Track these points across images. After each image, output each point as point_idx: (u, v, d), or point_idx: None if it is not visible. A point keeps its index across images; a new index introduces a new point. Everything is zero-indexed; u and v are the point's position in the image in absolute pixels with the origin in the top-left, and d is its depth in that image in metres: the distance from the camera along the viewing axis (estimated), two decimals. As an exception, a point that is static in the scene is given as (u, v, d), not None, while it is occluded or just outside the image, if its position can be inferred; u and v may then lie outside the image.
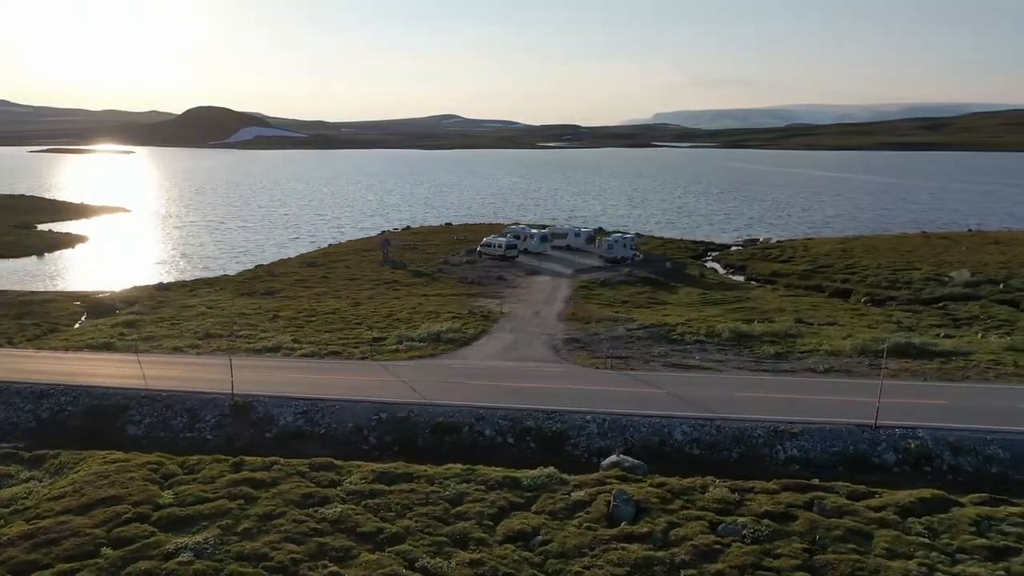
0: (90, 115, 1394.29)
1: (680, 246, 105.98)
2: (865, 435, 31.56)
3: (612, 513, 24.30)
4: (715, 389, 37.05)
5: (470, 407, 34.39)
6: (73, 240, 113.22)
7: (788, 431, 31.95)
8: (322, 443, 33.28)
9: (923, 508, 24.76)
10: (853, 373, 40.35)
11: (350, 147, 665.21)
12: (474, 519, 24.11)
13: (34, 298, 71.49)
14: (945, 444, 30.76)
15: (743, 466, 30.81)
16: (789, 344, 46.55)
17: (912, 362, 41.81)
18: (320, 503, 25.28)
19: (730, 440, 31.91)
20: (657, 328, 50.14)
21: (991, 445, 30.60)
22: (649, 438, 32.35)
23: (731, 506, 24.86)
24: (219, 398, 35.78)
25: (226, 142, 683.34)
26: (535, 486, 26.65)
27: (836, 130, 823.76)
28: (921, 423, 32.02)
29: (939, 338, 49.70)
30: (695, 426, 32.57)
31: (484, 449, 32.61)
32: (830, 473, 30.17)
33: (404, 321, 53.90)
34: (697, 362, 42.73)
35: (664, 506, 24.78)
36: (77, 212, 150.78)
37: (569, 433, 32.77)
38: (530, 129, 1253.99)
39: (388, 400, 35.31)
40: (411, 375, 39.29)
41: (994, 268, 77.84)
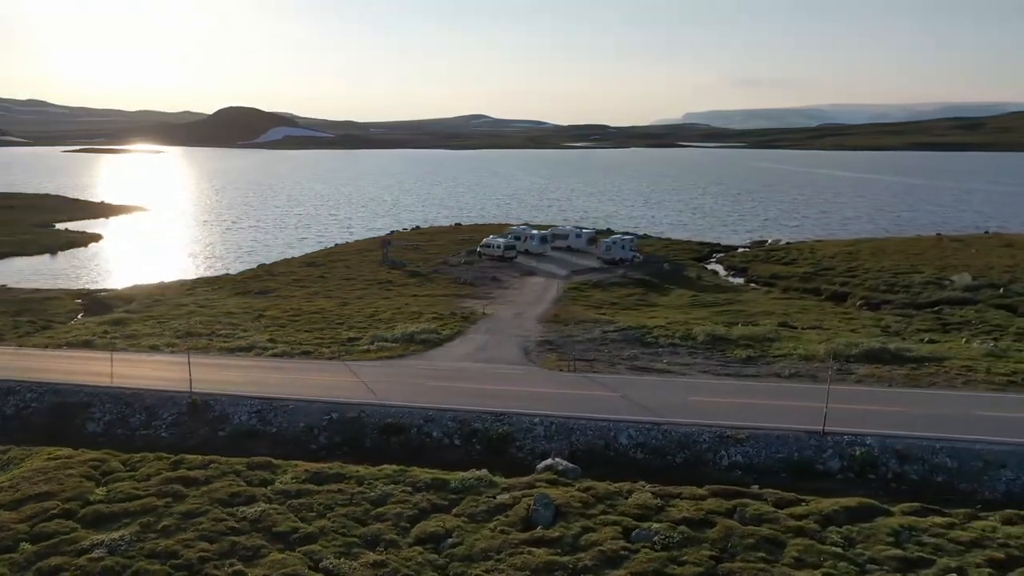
0: (125, 115, 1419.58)
1: (685, 247, 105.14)
2: (812, 442, 31.17)
3: (530, 517, 24.30)
4: (672, 393, 36.80)
5: (420, 408, 34.54)
6: (87, 239, 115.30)
7: (734, 437, 31.64)
8: (273, 442, 33.63)
9: (846, 517, 24.43)
10: (818, 378, 39.75)
11: (377, 147, 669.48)
12: (391, 521, 24.26)
13: (37, 295, 72.99)
14: (892, 452, 30.28)
15: (686, 471, 30.59)
16: (764, 348, 46.08)
17: (882, 368, 41.17)
18: (246, 502, 25.59)
19: (675, 445, 31.70)
20: (633, 331, 49.91)
21: (939, 454, 30.06)
22: (594, 441, 32.25)
23: (651, 512, 24.73)
24: (178, 396, 36.32)
25: (255, 142, 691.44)
26: (462, 488, 26.72)
27: (868, 130, 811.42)
28: (871, 430, 31.53)
29: (922, 343, 48.97)
30: (641, 430, 32.39)
31: (430, 450, 32.76)
32: (772, 479, 29.90)
33: (385, 321, 54.23)
34: (664, 365, 42.47)
35: (584, 511, 24.71)
36: (97, 211, 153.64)
37: (515, 435, 32.77)
38: (558, 129, 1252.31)
39: (341, 400, 35.58)
40: (373, 376, 39.54)
41: (998, 272, 76.34)
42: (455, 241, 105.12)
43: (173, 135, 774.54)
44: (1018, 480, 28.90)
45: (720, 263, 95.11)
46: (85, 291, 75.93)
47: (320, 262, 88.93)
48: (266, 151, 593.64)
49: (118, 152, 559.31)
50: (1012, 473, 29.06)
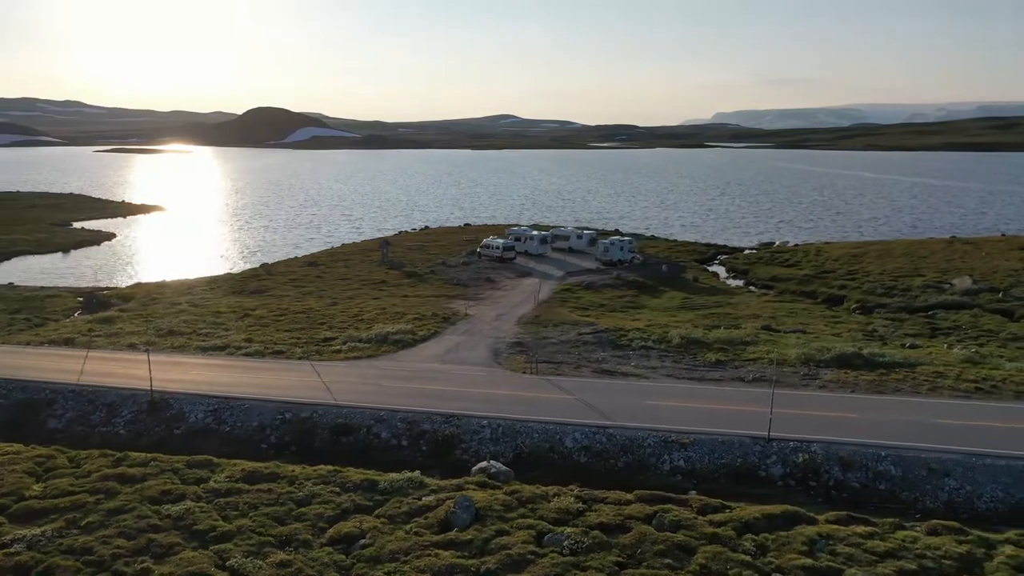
0: (158, 116, 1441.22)
1: (691, 249, 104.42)
2: (756, 447, 30.88)
3: (448, 519, 24.36)
4: (629, 397, 36.65)
5: (372, 409, 34.77)
6: (100, 237, 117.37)
7: (678, 441, 31.44)
8: (224, 441, 34.06)
9: (766, 525, 24.16)
10: (781, 383, 39.29)
11: (403, 147, 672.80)
12: (310, 521, 24.45)
13: (41, 293, 74.30)
14: (836, 459, 29.89)
15: (627, 475, 30.48)
16: (737, 352, 45.71)
17: (850, 373, 40.62)
18: (174, 500, 25.94)
19: (619, 449, 31.57)
20: (609, 333, 49.73)
21: (884, 461, 29.64)
22: (540, 444, 32.24)
23: (570, 516, 24.66)
24: (139, 394, 36.90)
25: (283, 142, 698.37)
26: (391, 490, 26.86)
27: (900, 130, 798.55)
28: (818, 436, 31.17)
29: (902, 348, 48.29)
30: (587, 434, 32.30)
31: (378, 451, 32.98)
32: (712, 485, 29.73)
33: (367, 322, 54.55)
34: (631, 368, 42.26)
35: (504, 514, 24.72)
36: (116, 211, 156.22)
37: (462, 438, 32.86)
38: (585, 129, 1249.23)
39: (296, 400, 35.93)
40: (335, 376, 39.83)
41: (1003, 275, 74.89)
42: (459, 242, 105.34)
43: (204, 135, 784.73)
44: (962, 490, 28.42)
45: (723, 265, 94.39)
46: (87, 289, 77.22)
47: (321, 262, 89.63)
48: (293, 151, 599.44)
49: (148, 152, 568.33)
50: (956, 483, 28.59)
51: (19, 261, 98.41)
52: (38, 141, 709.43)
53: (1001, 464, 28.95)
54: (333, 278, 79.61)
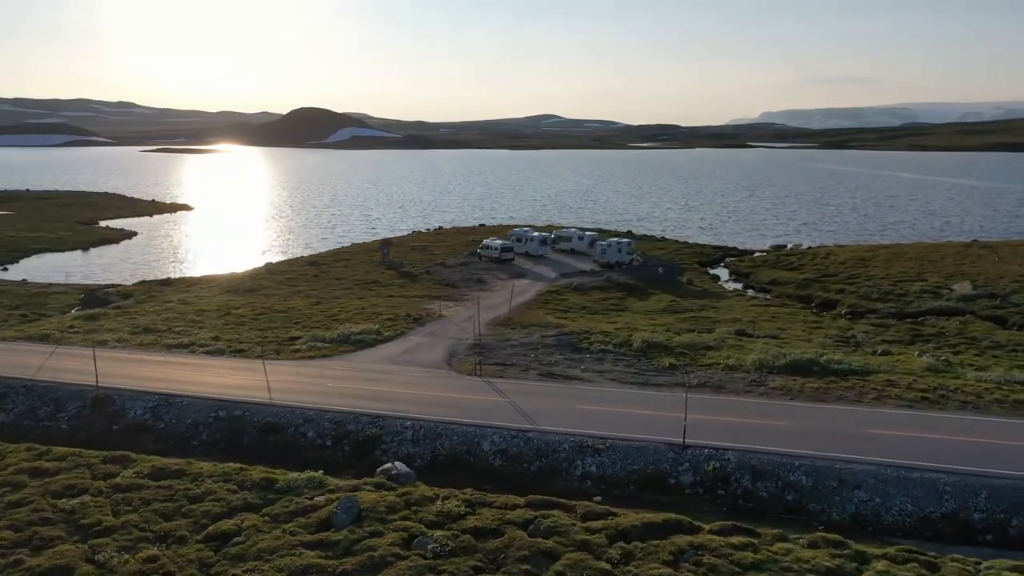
0: (206, 116, 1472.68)
1: (699, 252, 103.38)
2: (670, 454, 30.59)
3: (329, 519, 24.64)
4: (561, 400, 36.56)
5: (303, 409, 35.26)
6: (120, 236, 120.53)
7: (593, 446, 31.30)
8: (158, 438, 34.88)
9: (642, 533, 23.94)
10: (724, 389, 38.91)
11: (441, 147, 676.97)
12: (194, 518, 24.95)
13: (47, 290, 76.70)
14: (748, 468, 29.47)
15: (539, 479, 30.47)
16: (695, 357, 45.22)
17: (799, 380, 39.88)
18: (76, 494, 26.69)
19: (534, 453, 31.54)
20: (572, 336, 49.59)
21: (796, 471, 29.13)
22: (458, 446, 32.36)
23: (448, 519, 24.75)
24: (86, 390, 37.93)
25: (324, 142, 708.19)
26: (287, 489, 27.25)
27: (950, 130, 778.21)
28: (735, 444, 30.76)
29: (872, 355, 47.33)
30: (505, 437, 32.32)
31: (302, 450, 33.44)
32: (621, 491, 29.66)
33: (342, 321, 55.07)
34: (579, 372, 42.10)
35: (386, 515, 24.91)
36: (143, 209, 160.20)
37: (384, 438, 33.17)
38: (628, 129, 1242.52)
39: (233, 399, 36.58)
40: (282, 376, 40.39)
41: (1008, 281, 72.78)
42: (466, 242, 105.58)
43: (249, 135, 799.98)
44: (871, 502, 27.83)
45: (726, 268, 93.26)
46: (93, 286, 79.36)
47: (322, 262, 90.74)
48: (333, 151, 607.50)
49: (190, 152, 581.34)
50: (866, 495, 28.00)
51: (38, 258, 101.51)
52: (89, 141, 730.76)
53: (915, 477, 28.25)
54: (330, 278, 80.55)
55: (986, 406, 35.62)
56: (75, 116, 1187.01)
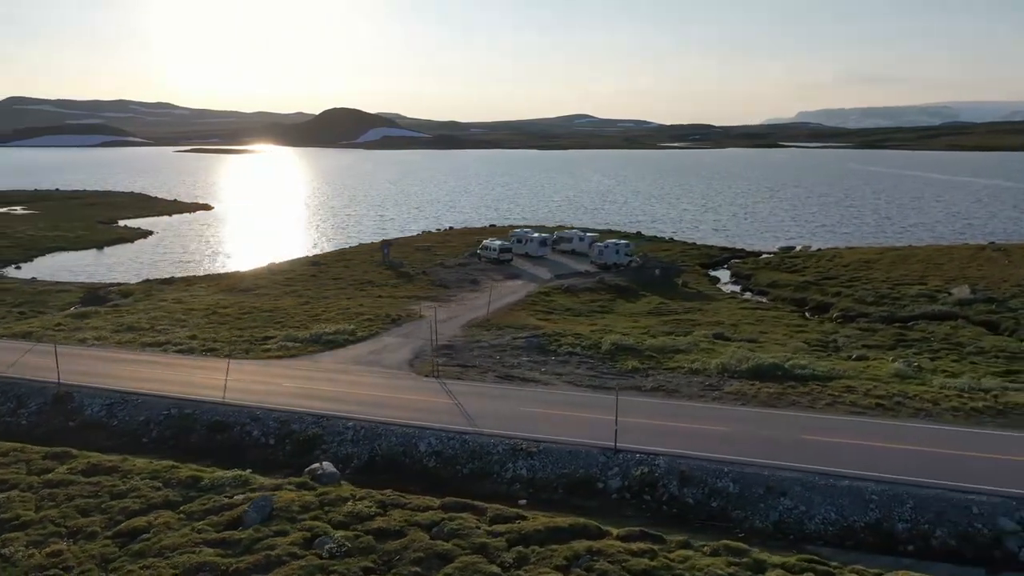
0: (243, 117, 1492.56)
1: (704, 253, 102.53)
2: (602, 458, 30.51)
3: (240, 518, 25.00)
4: (509, 403, 36.61)
5: (251, 408, 35.77)
6: (136, 235, 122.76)
7: (527, 449, 31.32)
8: (111, 435, 35.65)
9: (545, 537, 23.95)
10: (677, 393, 38.66)
11: (471, 147, 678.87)
12: (110, 515, 25.50)
13: (52, 288, 78.41)
14: (676, 473, 29.29)
15: (469, 481, 30.64)
16: (662, 360, 45.00)
17: (756, 385, 39.51)
18: (7, 489, 27.40)
19: (468, 455, 31.66)
20: (542, 338, 49.56)
21: (724, 477, 28.89)
22: (395, 448, 32.61)
23: (356, 520, 25.00)
24: (48, 387, 38.86)
25: (355, 142, 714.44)
26: (210, 487, 27.69)
27: (989, 129, 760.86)
28: (668, 449, 30.60)
29: (848, 360, 46.72)
30: (442, 439, 32.49)
31: (247, 449, 33.97)
32: (548, 495, 29.69)
33: (322, 321, 55.56)
34: (537, 375, 42.07)
35: (297, 515, 25.22)
36: (164, 209, 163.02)
37: (324, 438, 33.54)
38: (660, 129, 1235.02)
39: (187, 397, 37.26)
40: (241, 375, 40.85)
41: (1012, 285, 71.20)
42: (472, 243, 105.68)
43: (282, 135, 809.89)
44: (795, 510, 27.52)
45: (729, 269, 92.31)
46: (96, 285, 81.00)
47: (324, 262, 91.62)
48: (363, 151, 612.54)
49: (222, 152, 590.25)
50: (791, 502, 27.70)
51: (52, 257, 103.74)
52: (126, 141, 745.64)
53: (843, 485, 27.87)
54: (327, 278, 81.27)
55: (940, 414, 34.95)
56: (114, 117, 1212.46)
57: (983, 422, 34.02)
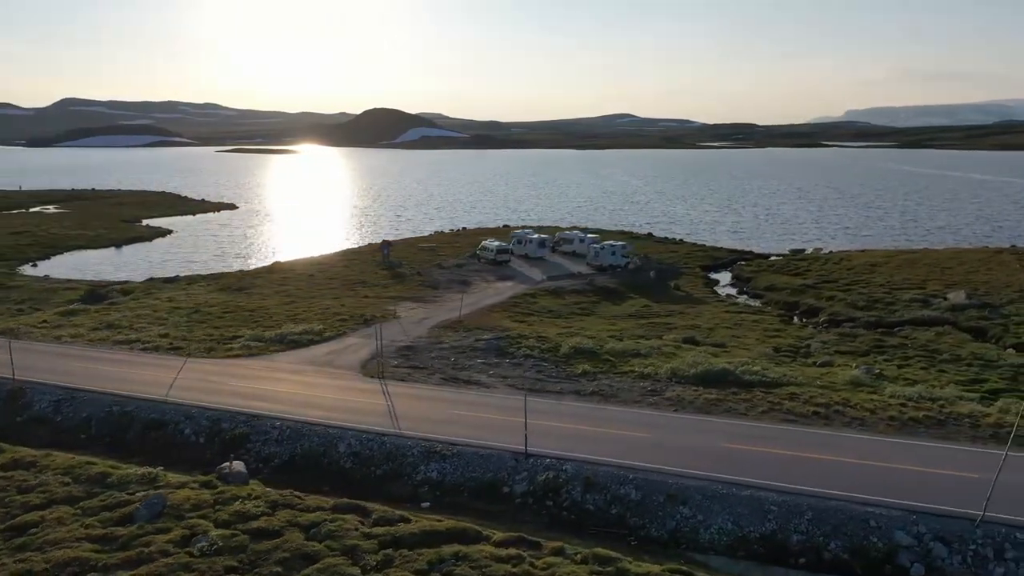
0: (287, 117, 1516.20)
1: (711, 255, 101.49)
2: (512, 463, 30.50)
3: (132, 515, 25.60)
4: (439, 405, 36.78)
5: (187, 406, 36.49)
6: (154, 234, 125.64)
7: (440, 452, 31.45)
8: (54, 431, 36.70)
9: (419, 540, 24.06)
10: (614, 399, 38.41)
11: (507, 147, 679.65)
12: (10, 508, 26.27)
13: (59, 286, 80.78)
14: (581, 479, 29.14)
15: (380, 483, 30.94)
16: (618, 364, 44.76)
17: (699, 391, 39.09)
18: (-87, 484, 28.36)
19: (383, 456, 31.92)
20: (503, 340, 49.58)
21: (627, 484, 28.68)
22: (316, 448, 33.00)
23: (242, 519, 25.38)
24: (5, 383, 40.08)
25: (394, 142, 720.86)
26: (117, 484, 28.38)
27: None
28: (577, 455, 30.46)
29: (812, 366, 45.96)
30: (362, 440, 32.80)
31: (178, 447, 34.72)
32: (454, 498, 29.79)
33: (298, 321, 56.28)
34: (483, 377, 42.09)
35: (186, 513, 25.73)
36: (189, 208, 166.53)
37: (251, 437, 34.08)
38: (703, 128, 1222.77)
39: (130, 395, 38.15)
40: (192, 374, 41.45)
41: (1013, 290, 69.34)
42: (477, 244, 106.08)
43: (324, 135, 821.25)
44: (692, 519, 27.23)
45: (731, 272, 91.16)
46: (101, 283, 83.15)
47: (326, 261, 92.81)
48: (400, 151, 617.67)
49: (263, 152, 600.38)
50: (689, 511, 27.41)
51: (71, 255, 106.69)
52: (171, 142, 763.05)
53: (745, 495, 27.47)
54: (324, 278, 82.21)
55: (874, 424, 34.19)
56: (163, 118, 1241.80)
57: (916, 432, 33.20)
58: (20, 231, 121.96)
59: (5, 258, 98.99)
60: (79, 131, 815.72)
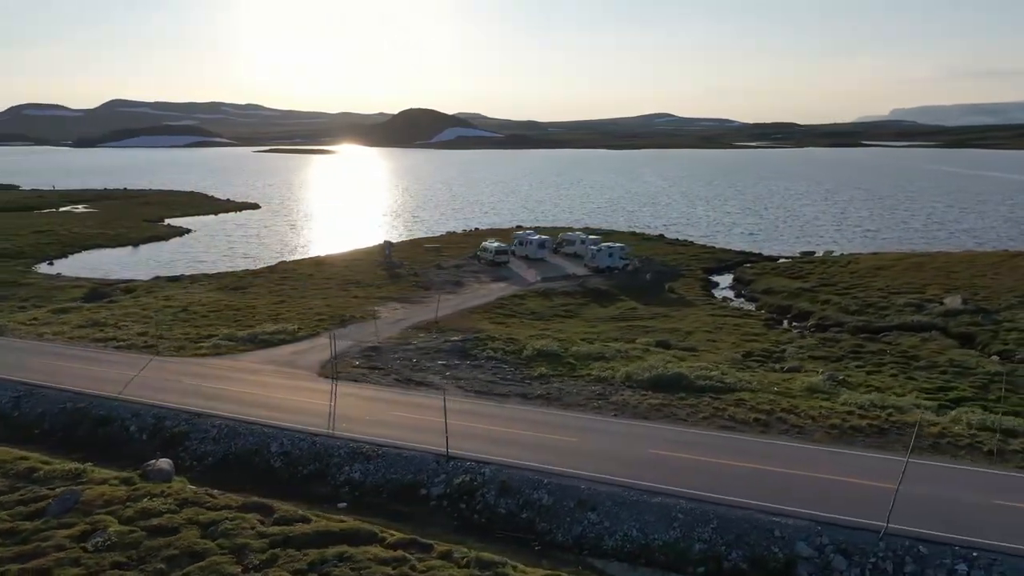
0: (328, 117, 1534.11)
1: (718, 257, 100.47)
2: (433, 465, 30.64)
3: (44, 509, 26.30)
4: (381, 407, 37.09)
5: (135, 403, 37.30)
6: (172, 233, 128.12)
7: (366, 453, 31.72)
8: (10, 427, 37.81)
9: (310, 540, 24.38)
10: (558, 402, 38.33)
11: (542, 147, 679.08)
12: (-72, 502, 27.11)
13: (67, 284, 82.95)
14: (497, 483, 29.17)
15: (305, 483, 31.38)
16: (578, 367, 44.71)
17: (647, 395, 38.94)
18: None
19: (311, 457, 32.30)
20: (471, 342, 49.70)
21: (541, 489, 28.67)
22: (249, 447, 33.53)
23: (144, 516, 25.88)
24: (-30, 378, 41.37)
25: (429, 142, 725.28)
26: (41, 479, 29.22)
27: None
28: (498, 458, 30.50)
29: (779, 372, 45.28)
30: (294, 440, 33.23)
31: (123, 443, 35.62)
32: (373, 499, 30.01)
33: (279, 320, 57.17)
34: (437, 380, 42.23)
35: (95, 510, 26.37)
36: (212, 208, 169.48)
37: (190, 436, 34.74)
38: (743, 128, 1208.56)
39: (87, 392, 39.11)
40: (153, 372, 42.46)
41: (1014, 296, 67.51)
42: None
43: (362, 135, 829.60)
44: (599, 525, 27.16)
45: (735, 275, 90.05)
46: (108, 282, 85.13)
47: (328, 261, 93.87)
48: (435, 151, 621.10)
49: (300, 152, 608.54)
50: (597, 517, 27.34)
51: (89, 254, 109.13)
52: (211, 142, 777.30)
53: (655, 501, 27.28)
54: (322, 277, 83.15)
55: (812, 432, 33.67)
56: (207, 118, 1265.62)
57: (853, 442, 32.60)
58: (43, 230, 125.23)
59: (24, 256, 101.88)
60: (123, 132, 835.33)
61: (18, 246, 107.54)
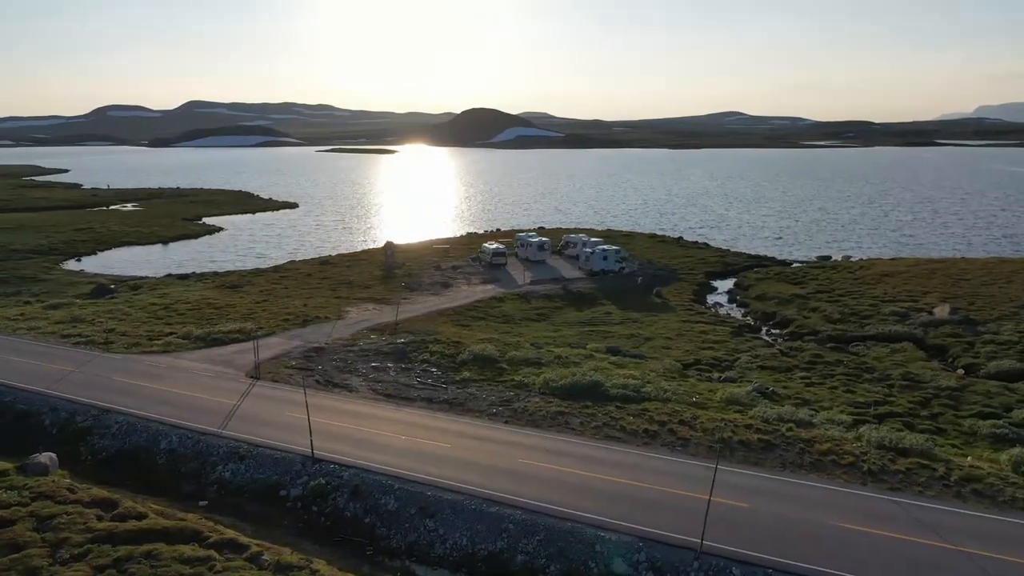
0: (395, 117, 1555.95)
1: (726, 261, 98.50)
2: (298, 467, 31.19)
3: (-89, 499, 27.83)
4: (279, 408, 37.76)
5: (54, 399, 38.95)
6: (204, 232, 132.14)
7: (242, 453, 32.49)
8: (-58, 418, 39.82)
9: (133, 537, 25.38)
10: (459, 407, 38.44)
11: (604, 147, 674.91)
12: None
13: (81, 280, 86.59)
14: (351, 487, 29.55)
15: (182, 479, 32.39)
16: (509, 372, 44.78)
17: (554, 403, 39.02)
18: None
19: (192, 455, 33.27)
20: (413, 345, 50.13)
21: (389, 494, 28.95)
22: (141, 444, 34.85)
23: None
24: (-71, 373, 43.78)
25: (489, 142, 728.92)
26: (-66, 471, 30.79)
27: None
28: (359, 462, 30.90)
29: (716, 382, 44.38)
30: (183, 438, 34.27)
31: (37, 436, 37.13)
32: (235, 499, 30.71)
33: (247, 319, 58.70)
34: (357, 383, 42.81)
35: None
36: (253, 206, 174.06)
37: (93, 431, 36.49)
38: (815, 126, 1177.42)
39: (17, 386, 40.97)
40: (95, 368, 44.32)
41: (1012, 306, 64.70)
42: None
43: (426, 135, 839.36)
44: (434, 533, 27.63)
45: (736, 280, 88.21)
46: (119, 278, 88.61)
47: (332, 261, 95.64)
48: (494, 150, 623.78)
49: (361, 152, 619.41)
50: (433, 524, 27.66)
51: (117, 251, 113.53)
52: (278, 142, 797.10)
53: (491, 511, 27.30)
54: (319, 277, 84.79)
55: (695, 445, 32.94)
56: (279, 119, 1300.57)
57: (733, 456, 31.80)
58: (84, 227, 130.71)
59: (56, 252, 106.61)
60: (196, 132, 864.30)
61: (53, 243, 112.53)
